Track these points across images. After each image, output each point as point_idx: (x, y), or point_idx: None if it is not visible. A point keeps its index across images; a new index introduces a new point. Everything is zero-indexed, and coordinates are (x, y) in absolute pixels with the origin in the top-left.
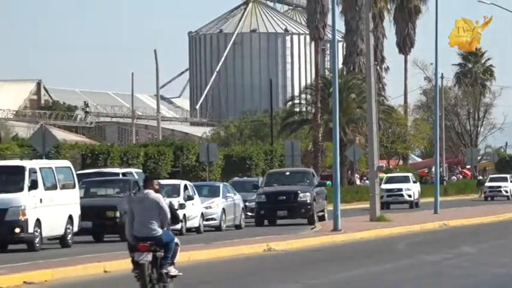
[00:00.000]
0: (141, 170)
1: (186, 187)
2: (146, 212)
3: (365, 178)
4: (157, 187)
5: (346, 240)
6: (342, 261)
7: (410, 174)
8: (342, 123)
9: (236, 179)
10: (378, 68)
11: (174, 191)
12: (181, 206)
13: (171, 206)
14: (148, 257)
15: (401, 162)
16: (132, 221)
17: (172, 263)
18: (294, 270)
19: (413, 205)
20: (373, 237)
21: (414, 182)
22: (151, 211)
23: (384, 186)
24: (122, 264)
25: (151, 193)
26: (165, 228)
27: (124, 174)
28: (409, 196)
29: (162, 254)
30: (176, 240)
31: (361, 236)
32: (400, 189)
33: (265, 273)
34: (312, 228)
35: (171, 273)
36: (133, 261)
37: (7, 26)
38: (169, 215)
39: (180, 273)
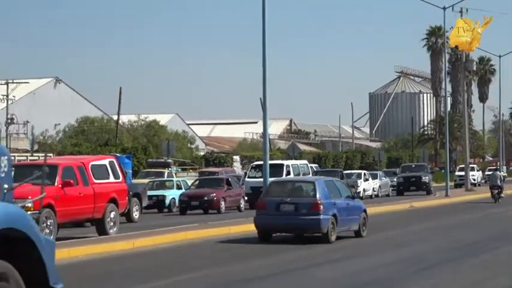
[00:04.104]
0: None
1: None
2: None
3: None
4: None
5: (453, 201)
6: (470, 208)
7: (475, 166)
8: (450, 140)
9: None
10: (469, 110)
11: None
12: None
13: None
14: None
15: (481, 160)
16: None
17: None
18: (441, 215)
19: (475, 184)
20: (467, 200)
21: (478, 170)
22: None
23: (458, 173)
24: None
25: None
26: None
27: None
28: (474, 180)
29: None
30: None
31: (462, 199)
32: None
33: (417, 216)
34: (434, 195)
35: None
36: None
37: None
38: None
39: None
